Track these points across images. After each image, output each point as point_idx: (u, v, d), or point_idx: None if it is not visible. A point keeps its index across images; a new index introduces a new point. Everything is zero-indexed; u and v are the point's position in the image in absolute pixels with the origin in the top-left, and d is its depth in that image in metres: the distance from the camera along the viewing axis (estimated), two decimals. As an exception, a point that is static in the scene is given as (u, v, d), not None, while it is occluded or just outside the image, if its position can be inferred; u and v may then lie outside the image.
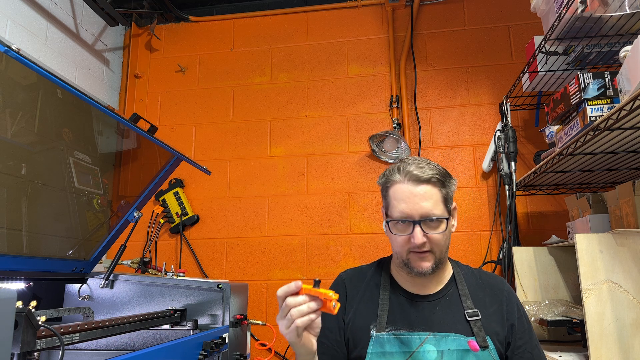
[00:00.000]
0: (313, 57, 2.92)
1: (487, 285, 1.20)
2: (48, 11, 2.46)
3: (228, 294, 1.75)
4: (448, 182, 1.14)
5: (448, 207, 1.13)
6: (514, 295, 1.19)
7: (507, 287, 1.21)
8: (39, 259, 1.53)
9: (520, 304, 1.19)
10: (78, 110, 1.74)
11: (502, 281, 1.23)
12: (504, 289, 1.19)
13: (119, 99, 3.05)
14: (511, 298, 1.18)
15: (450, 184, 1.15)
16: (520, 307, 1.18)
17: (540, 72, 2.12)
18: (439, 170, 1.13)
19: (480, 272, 1.25)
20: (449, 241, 1.17)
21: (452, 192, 1.17)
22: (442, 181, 1.12)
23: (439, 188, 1.12)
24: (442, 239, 1.11)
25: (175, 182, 2.82)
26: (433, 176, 1.11)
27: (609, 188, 2.20)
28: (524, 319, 1.16)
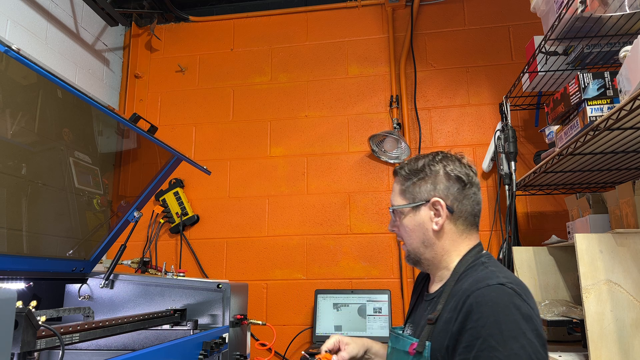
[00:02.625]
0: (313, 57, 2.92)
1: (460, 290, 1.03)
2: (48, 11, 2.46)
3: (228, 294, 1.75)
4: (415, 176, 1.15)
5: (409, 200, 1.15)
6: (477, 307, 0.94)
7: (475, 296, 0.97)
8: (39, 259, 1.53)
9: (479, 320, 0.93)
10: (78, 110, 1.74)
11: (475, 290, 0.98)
12: (467, 297, 0.98)
13: (119, 99, 3.05)
14: (470, 309, 0.95)
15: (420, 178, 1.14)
16: (477, 321, 0.93)
17: (540, 72, 2.12)
18: (413, 165, 1.16)
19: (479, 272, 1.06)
20: (422, 236, 1.13)
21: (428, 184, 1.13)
22: (406, 176, 1.16)
23: (401, 181, 1.18)
24: (403, 230, 1.16)
25: (175, 182, 2.82)
26: (400, 170, 1.19)
27: (609, 188, 2.20)
28: (471, 335, 0.93)
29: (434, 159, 1.15)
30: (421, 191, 1.13)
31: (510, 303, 0.93)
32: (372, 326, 2.37)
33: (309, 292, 2.58)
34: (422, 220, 1.13)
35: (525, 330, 0.90)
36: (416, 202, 1.14)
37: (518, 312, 0.92)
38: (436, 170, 1.13)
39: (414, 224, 1.14)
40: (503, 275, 1.01)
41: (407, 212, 1.15)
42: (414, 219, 1.14)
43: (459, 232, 1.13)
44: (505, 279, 0.98)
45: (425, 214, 1.13)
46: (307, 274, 2.63)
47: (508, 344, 0.88)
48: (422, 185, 1.13)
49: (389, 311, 2.39)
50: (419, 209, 1.14)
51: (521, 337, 0.89)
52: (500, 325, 0.90)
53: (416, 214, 1.14)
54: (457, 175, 1.12)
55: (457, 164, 1.14)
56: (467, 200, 1.12)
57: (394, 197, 1.19)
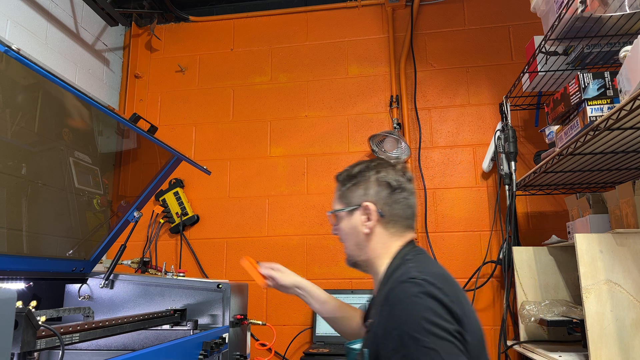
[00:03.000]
0: (313, 57, 2.92)
1: (383, 293, 1.04)
2: (48, 11, 2.46)
3: (228, 294, 1.75)
4: (349, 181, 1.21)
5: (344, 204, 1.21)
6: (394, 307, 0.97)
7: (391, 296, 0.99)
8: (39, 259, 1.53)
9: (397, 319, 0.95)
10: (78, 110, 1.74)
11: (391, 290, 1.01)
12: (386, 299, 1.00)
13: (119, 99, 3.05)
14: (390, 310, 0.98)
15: (353, 183, 1.20)
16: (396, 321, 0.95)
17: (540, 72, 2.12)
18: (349, 171, 1.23)
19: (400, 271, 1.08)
20: (356, 239, 1.19)
21: (360, 189, 1.19)
22: (342, 180, 1.24)
23: (339, 186, 1.25)
24: (340, 233, 1.23)
25: (175, 182, 2.82)
26: (338, 176, 1.26)
27: (609, 188, 2.20)
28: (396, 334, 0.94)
29: (368, 166, 1.21)
30: (354, 196, 1.19)
31: (419, 293, 0.95)
32: (372, 326, 2.37)
33: (309, 292, 2.58)
34: (356, 224, 1.19)
35: (440, 313, 0.92)
36: (350, 206, 1.20)
37: (430, 299, 0.94)
38: (368, 176, 1.19)
39: (348, 228, 1.20)
40: (417, 269, 1.03)
41: (343, 216, 1.21)
42: (349, 222, 1.20)
43: (389, 235, 1.17)
44: (417, 272, 1.00)
45: (358, 218, 1.18)
46: (307, 274, 2.62)
47: (429, 330, 0.90)
48: (356, 191, 1.20)
49: (389, 311, 2.39)
50: (353, 213, 1.20)
51: (438, 320, 0.91)
52: (415, 317, 0.92)
53: (351, 218, 1.20)
54: (387, 181, 1.17)
55: (390, 170, 1.19)
56: (397, 204, 1.17)
57: (333, 202, 1.26)
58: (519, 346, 2.05)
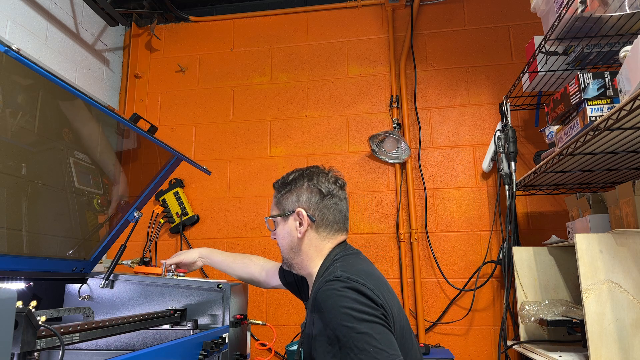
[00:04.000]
0: (313, 57, 2.92)
1: (313, 296, 1.08)
2: (48, 11, 2.46)
3: (228, 293, 1.75)
4: (284, 188, 1.30)
5: (280, 210, 1.29)
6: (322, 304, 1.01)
7: (319, 295, 1.03)
8: (39, 259, 1.53)
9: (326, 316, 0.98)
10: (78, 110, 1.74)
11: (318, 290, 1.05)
12: (315, 298, 1.04)
13: (119, 99, 3.05)
14: (319, 308, 1.01)
15: (287, 190, 1.29)
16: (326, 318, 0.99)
17: (540, 72, 2.12)
18: (285, 179, 1.32)
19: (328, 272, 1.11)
20: (290, 243, 1.26)
21: (294, 195, 1.26)
22: (278, 188, 1.33)
23: (276, 193, 1.33)
24: (277, 237, 1.31)
25: (175, 182, 2.82)
26: (275, 184, 1.35)
27: (609, 188, 2.20)
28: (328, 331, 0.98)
29: (302, 174, 1.31)
30: (288, 202, 1.28)
31: (343, 288, 1.01)
32: (372, 326, 2.37)
33: (309, 292, 2.58)
34: (290, 229, 1.26)
35: (364, 301, 0.99)
36: (285, 212, 1.27)
37: (353, 292, 1.00)
38: (301, 183, 1.28)
39: (284, 232, 1.28)
40: (342, 268, 1.09)
41: (279, 221, 1.30)
42: (284, 227, 1.28)
43: (320, 239, 1.24)
44: (342, 271, 1.06)
45: (292, 223, 1.26)
46: (307, 274, 2.62)
47: (358, 318, 0.96)
48: (289, 197, 1.28)
49: (389, 311, 2.39)
50: (287, 219, 1.27)
51: (364, 307, 0.98)
52: (343, 309, 0.97)
53: (285, 223, 1.28)
54: (318, 188, 1.26)
55: (322, 177, 1.29)
56: (327, 210, 1.25)
57: (271, 207, 1.35)
58: (519, 346, 2.05)
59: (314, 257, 1.24)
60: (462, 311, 2.46)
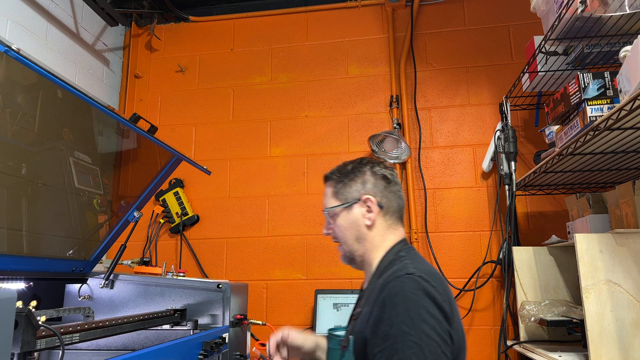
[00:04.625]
0: (313, 57, 2.92)
1: (378, 285, 1.08)
2: (48, 11, 2.46)
3: (228, 294, 1.75)
4: (345, 177, 1.25)
5: (341, 200, 1.23)
6: (389, 299, 1.00)
7: (388, 288, 1.02)
8: (39, 259, 1.53)
9: (392, 310, 0.98)
10: (78, 110, 1.74)
11: (387, 283, 1.04)
12: (382, 290, 1.04)
13: (119, 99, 3.05)
14: (384, 301, 1.01)
15: (349, 179, 1.24)
16: (390, 312, 0.98)
17: (540, 72, 2.12)
18: (341, 169, 1.27)
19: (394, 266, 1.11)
20: (357, 232, 1.20)
21: (358, 184, 1.22)
22: (336, 180, 1.27)
23: (332, 184, 1.27)
24: (337, 229, 1.24)
25: (175, 182, 2.82)
26: (330, 176, 1.30)
27: (609, 188, 2.20)
28: (387, 325, 0.98)
29: (360, 162, 1.27)
30: (352, 191, 1.23)
31: (417, 290, 0.99)
32: (372, 326, 2.37)
33: (309, 292, 2.58)
34: (356, 218, 1.21)
35: (433, 312, 0.97)
36: (348, 201, 1.22)
37: (426, 297, 0.98)
38: (363, 171, 1.24)
39: (348, 222, 1.22)
40: (413, 266, 1.07)
41: (340, 212, 1.23)
42: (348, 217, 1.22)
43: (387, 226, 1.22)
44: (414, 269, 1.04)
45: (358, 211, 1.21)
46: (307, 273, 2.63)
47: (419, 327, 0.94)
48: (353, 185, 1.23)
49: (389, 311, 2.39)
50: (351, 208, 1.22)
51: (430, 319, 0.95)
52: (409, 312, 0.96)
53: (349, 212, 1.22)
54: (382, 173, 1.23)
55: (381, 165, 1.26)
56: (392, 196, 1.23)
57: (327, 200, 1.27)
58: (519, 346, 2.05)
59: (379, 246, 1.20)
60: (462, 311, 2.46)
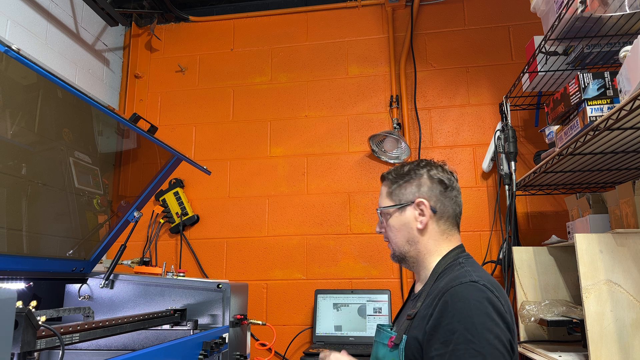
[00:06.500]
0: (313, 57, 2.92)
1: (437, 288, 1.09)
2: (48, 11, 2.46)
3: (228, 294, 1.75)
4: (401, 179, 1.23)
5: (396, 201, 1.22)
6: (452, 304, 1.00)
7: (450, 293, 1.02)
8: (39, 259, 1.53)
9: (454, 316, 0.98)
10: (78, 110, 1.74)
11: (450, 288, 1.03)
12: (443, 294, 1.03)
13: (119, 99, 3.05)
14: (445, 306, 1.00)
15: (405, 180, 1.22)
16: (452, 317, 0.98)
17: (540, 72, 2.12)
18: (399, 169, 1.25)
19: (455, 272, 1.11)
20: (407, 234, 1.20)
21: (413, 186, 1.21)
22: (392, 179, 1.25)
23: (388, 184, 1.26)
24: (389, 229, 1.24)
25: (175, 182, 2.82)
26: (387, 175, 1.28)
27: (609, 188, 2.20)
28: (447, 330, 0.97)
29: (418, 165, 1.24)
30: (406, 193, 1.21)
31: (481, 298, 0.99)
32: (372, 326, 2.37)
33: (309, 292, 2.58)
34: (408, 220, 1.21)
35: (497, 321, 0.96)
36: (402, 202, 1.21)
37: (490, 305, 0.98)
38: (420, 173, 1.22)
39: (400, 224, 1.22)
40: (476, 274, 1.06)
41: (393, 212, 1.23)
42: (400, 218, 1.22)
43: (440, 232, 1.20)
44: (477, 277, 1.04)
45: (411, 213, 1.20)
46: (307, 274, 2.63)
47: (483, 335, 0.94)
48: (408, 188, 1.22)
49: (388, 311, 2.39)
50: (404, 210, 1.21)
51: (494, 328, 0.95)
52: (473, 319, 0.96)
53: (402, 214, 1.21)
54: (440, 178, 1.21)
55: (440, 169, 1.23)
56: (448, 201, 1.20)
57: (381, 200, 1.27)
58: (519, 346, 2.05)
59: (433, 251, 1.19)
60: (462, 311, 2.46)
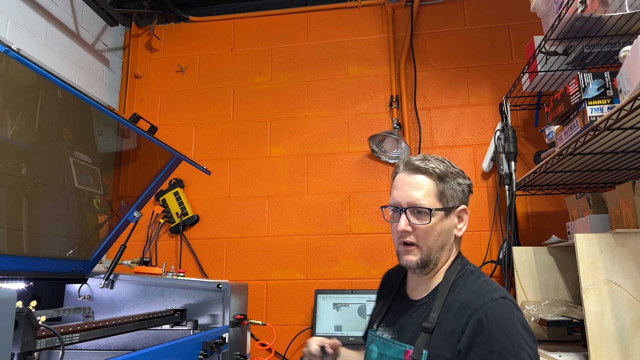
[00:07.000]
0: (313, 57, 2.92)
1: (461, 301, 1.04)
2: (48, 11, 2.46)
3: (228, 294, 1.75)
4: (450, 179, 1.12)
5: (444, 203, 1.11)
6: (487, 323, 0.97)
7: (484, 311, 0.99)
8: (39, 259, 1.53)
9: (491, 335, 0.96)
10: (78, 110, 1.74)
11: (478, 300, 1.01)
12: (474, 312, 0.99)
13: (119, 99, 3.05)
14: (480, 324, 0.97)
15: (454, 182, 1.13)
16: (489, 336, 0.96)
17: (540, 72, 2.12)
18: (446, 167, 1.13)
19: (473, 284, 1.08)
20: (445, 240, 1.12)
21: (458, 191, 1.14)
22: (441, 176, 1.11)
23: (436, 181, 1.11)
24: (428, 231, 1.09)
25: (175, 182, 2.82)
26: (432, 168, 1.11)
27: (609, 188, 2.20)
28: (485, 349, 0.95)
29: (453, 165, 1.17)
30: (455, 196, 1.13)
31: (513, 316, 0.99)
32: (372, 326, 2.37)
33: (309, 292, 2.58)
34: (450, 226, 1.13)
35: (527, 339, 0.97)
36: (449, 205, 1.12)
37: (520, 323, 0.99)
38: (462, 175, 1.17)
39: (442, 228, 1.11)
40: (496, 286, 1.06)
41: (439, 214, 1.10)
42: (444, 223, 1.12)
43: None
44: (502, 291, 1.04)
45: (452, 219, 1.14)
46: (307, 274, 2.63)
47: (519, 354, 0.94)
48: (457, 190, 1.14)
49: (389, 311, 2.38)
50: (450, 214, 1.13)
51: (526, 346, 0.96)
52: (510, 339, 0.96)
53: (448, 218, 1.12)
54: (469, 184, 1.19)
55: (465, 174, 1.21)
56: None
57: (425, 197, 1.10)
58: (519, 346, 2.05)
59: (450, 257, 1.16)
60: (462, 311, 2.46)
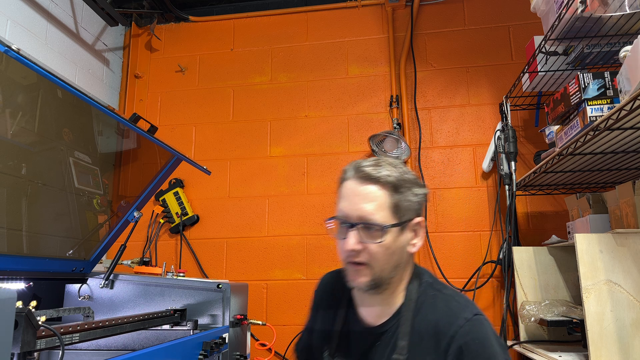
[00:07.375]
0: (313, 57, 2.92)
1: (432, 325, 0.94)
2: (48, 11, 2.46)
3: (228, 294, 1.75)
4: (406, 190, 0.96)
5: (399, 217, 0.95)
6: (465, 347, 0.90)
7: (459, 334, 0.91)
8: (39, 259, 1.53)
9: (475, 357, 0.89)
10: (78, 110, 1.74)
11: (452, 324, 0.92)
12: (449, 336, 0.91)
13: (119, 99, 3.05)
14: (460, 350, 0.90)
15: (410, 192, 0.97)
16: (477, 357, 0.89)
17: (540, 72, 2.12)
18: (400, 175, 0.96)
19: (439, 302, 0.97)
20: (399, 259, 0.97)
21: (414, 202, 0.98)
22: (395, 186, 0.95)
23: (390, 192, 0.95)
24: (380, 252, 0.94)
25: (175, 182, 2.82)
26: (385, 177, 0.95)
27: (609, 188, 2.20)
28: None
29: (414, 176, 1.01)
30: (411, 208, 0.97)
31: (489, 334, 0.93)
32: (372, 326, 2.37)
33: (309, 292, 2.57)
34: (405, 242, 0.98)
35: (503, 353, 0.92)
36: (404, 219, 0.96)
37: (496, 342, 0.93)
38: (423, 190, 1.01)
39: (396, 246, 0.95)
40: (463, 300, 0.98)
41: (394, 231, 0.95)
42: (398, 240, 0.96)
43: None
44: (471, 306, 0.97)
45: (408, 235, 0.99)
46: (307, 274, 2.63)
47: None
48: (413, 202, 0.98)
49: (389, 311, 2.38)
50: (405, 229, 0.97)
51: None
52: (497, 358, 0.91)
53: (402, 234, 0.97)
54: (425, 192, 1.02)
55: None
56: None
57: (378, 210, 0.94)
58: (519, 346, 2.05)
59: (409, 271, 1.03)
60: (462, 311, 2.46)
